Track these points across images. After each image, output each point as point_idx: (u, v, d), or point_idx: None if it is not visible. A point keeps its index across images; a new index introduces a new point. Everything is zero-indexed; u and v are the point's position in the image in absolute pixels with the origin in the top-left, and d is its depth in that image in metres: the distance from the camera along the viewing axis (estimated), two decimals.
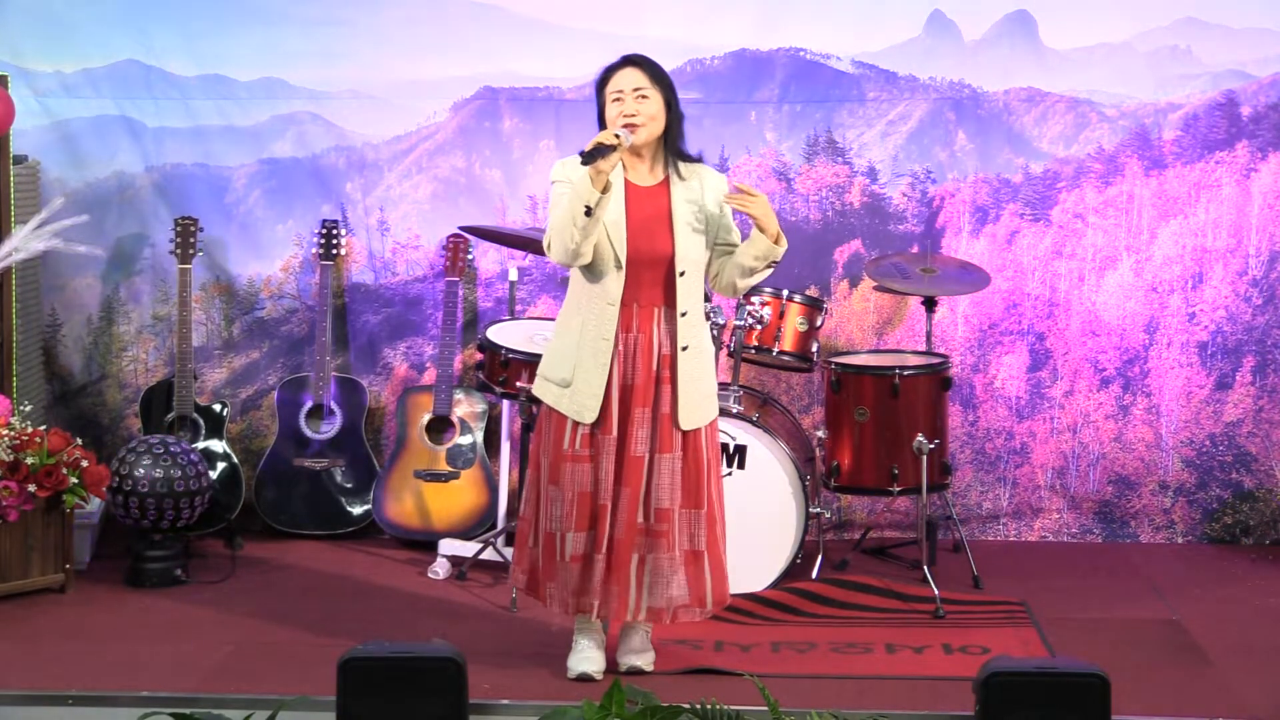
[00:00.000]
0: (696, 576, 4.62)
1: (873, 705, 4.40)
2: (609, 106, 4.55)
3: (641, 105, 4.53)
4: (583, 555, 4.58)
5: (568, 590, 4.60)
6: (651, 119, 4.54)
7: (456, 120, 6.52)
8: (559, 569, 4.60)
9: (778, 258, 4.56)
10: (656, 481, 4.56)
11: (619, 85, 4.55)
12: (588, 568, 4.58)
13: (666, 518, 4.56)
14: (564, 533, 4.59)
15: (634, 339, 4.56)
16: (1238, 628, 5.26)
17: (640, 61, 4.59)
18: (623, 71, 4.57)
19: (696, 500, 4.59)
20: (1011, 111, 6.40)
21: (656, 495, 4.56)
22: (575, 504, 4.57)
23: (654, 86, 4.55)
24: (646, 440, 4.55)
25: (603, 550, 4.56)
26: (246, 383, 6.58)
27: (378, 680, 3.78)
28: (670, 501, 4.56)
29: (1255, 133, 6.31)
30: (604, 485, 4.55)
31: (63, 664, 4.85)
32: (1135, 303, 6.37)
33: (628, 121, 4.51)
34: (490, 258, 6.52)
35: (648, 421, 4.55)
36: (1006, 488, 6.43)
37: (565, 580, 4.60)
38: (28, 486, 5.40)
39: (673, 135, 4.61)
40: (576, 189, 4.40)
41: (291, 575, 5.88)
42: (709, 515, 4.62)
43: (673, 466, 4.56)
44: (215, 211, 6.51)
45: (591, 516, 4.57)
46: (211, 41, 6.48)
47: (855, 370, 5.71)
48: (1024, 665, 3.88)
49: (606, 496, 4.56)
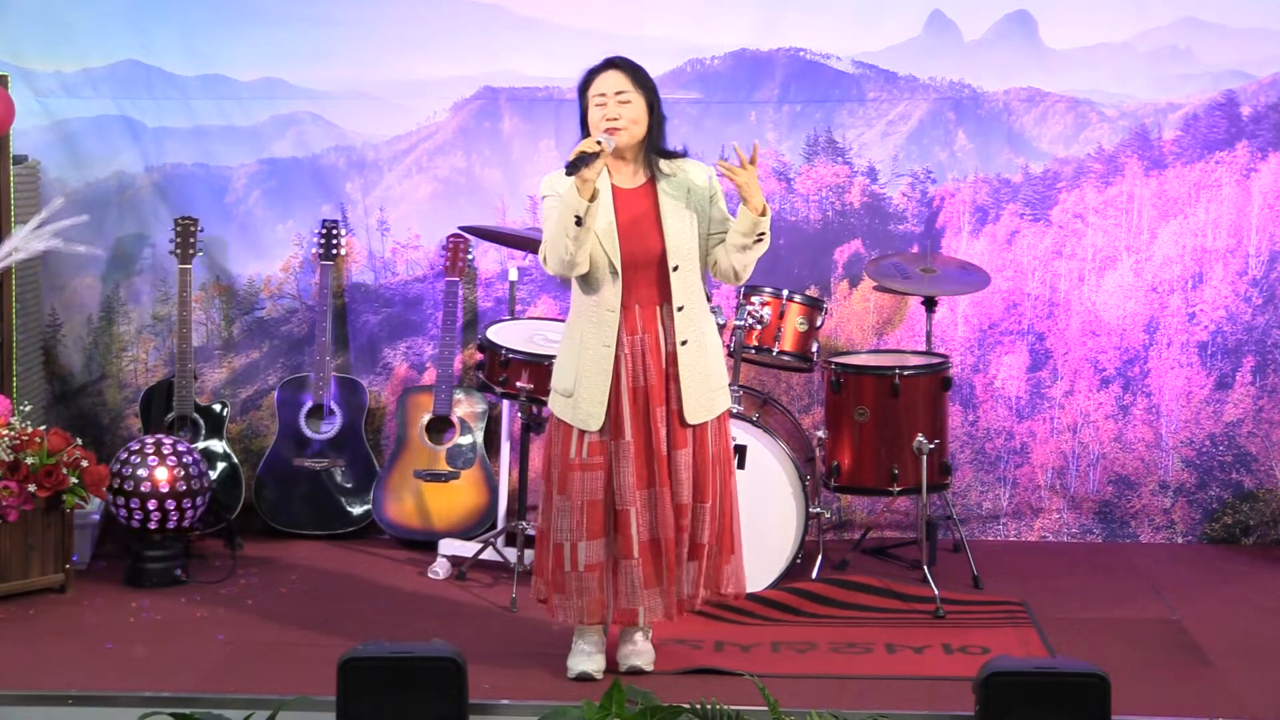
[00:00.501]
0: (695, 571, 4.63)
1: (873, 705, 4.40)
2: (591, 110, 4.55)
3: (624, 109, 4.52)
4: (600, 564, 4.59)
5: (588, 600, 4.61)
6: (634, 122, 4.54)
7: (456, 120, 6.52)
8: (567, 580, 4.61)
9: (765, 229, 4.51)
10: (675, 478, 4.58)
11: (601, 89, 4.54)
12: (616, 575, 4.60)
13: (685, 513, 4.60)
14: (574, 543, 4.59)
15: (640, 340, 4.57)
16: (1238, 628, 5.26)
17: (622, 64, 4.58)
18: (604, 75, 4.56)
19: (701, 494, 4.61)
20: (1011, 111, 6.40)
21: (676, 492, 4.59)
22: (585, 512, 4.57)
23: (636, 90, 4.54)
24: (665, 439, 4.57)
25: (633, 555, 4.56)
26: (246, 383, 6.58)
27: (378, 680, 3.78)
28: (687, 497, 4.59)
29: (1255, 133, 6.31)
30: (625, 491, 4.56)
31: (63, 664, 4.85)
32: (1135, 303, 6.37)
33: (610, 126, 4.50)
34: (490, 258, 6.52)
35: (665, 419, 4.57)
36: (1006, 488, 6.43)
37: (579, 590, 4.61)
38: (28, 486, 5.40)
39: (655, 137, 4.60)
40: (565, 201, 4.40)
41: (291, 575, 5.88)
42: (712, 508, 4.63)
43: (687, 462, 4.59)
44: (215, 211, 6.51)
45: (606, 524, 4.58)
46: (211, 41, 6.48)
47: (855, 370, 5.71)
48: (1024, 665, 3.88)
49: (629, 502, 4.56)
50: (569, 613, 4.66)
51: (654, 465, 4.57)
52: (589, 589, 4.60)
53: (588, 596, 4.60)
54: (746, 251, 4.55)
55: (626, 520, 4.56)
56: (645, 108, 4.56)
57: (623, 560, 4.58)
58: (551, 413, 4.69)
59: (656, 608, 4.62)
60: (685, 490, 4.58)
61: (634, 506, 4.56)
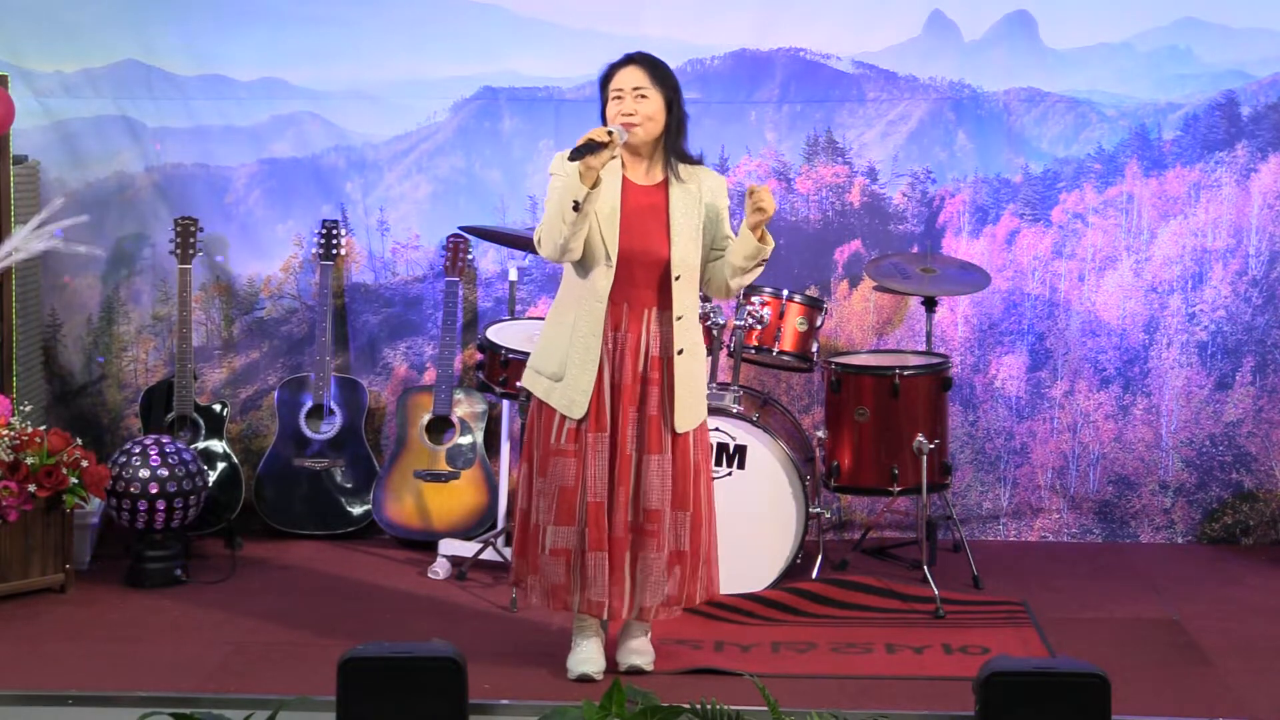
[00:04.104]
0: (681, 576, 4.63)
1: (873, 705, 4.40)
2: (610, 104, 4.56)
3: (640, 104, 4.53)
4: (567, 550, 4.58)
5: (550, 583, 4.61)
6: (649, 119, 4.53)
7: (456, 120, 6.52)
8: (541, 562, 4.62)
9: (766, 256, 4.54)
10: (646, 482, 4.56)
11: (620, 83, 4.55)
12: (580, 565, 4.59)
13: (656, 518, 4.57)
14: (544, 525, 4.60)
15: (621, 338, 4.56)
16: (1238, 628, 5.26)
17: (643, 60, 4.58)
18: (625, 70, 4.57)
19: (683, 502, 4.60)
20: (1011, 111, 6.40)
21: (646, 496, 4.57)
22: (556, 498, 4.58)
23: (655, 86, 4.55)
24: (634, 440, 4.56)
25: (604, 547, 4.56)
26: (246, 383, 6.58)
27: (378, 680, 3.77)
28: (660, 502, 4.57)
29: (1255, 133, 6.31)
30: (595, 483, 4.56)
31: (63, 664, 4.85)
32: (1135, 303, 6.37)
33: (625, 120, 4.51)
34: (490, 258, 6.52)
35: (636, 422, 4.56)
36: (1006, 488, 6.43)
37: (548, 573, 4.61)
38: (28, 486, 5.40)
39: (673, 136, 4.60)
40: (567, 184, 4.40)
41: (291, 575, 5.88)
42: (694, 518, 4.62)
43: (662, 467, 4.57)
44: (215, 211, 6.51)
45: (574, 513, 4.57)
46: (211, 41, 6.48)
47: (855, 370, 5.71)
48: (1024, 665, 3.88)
49: (598, 495, 4.56)
50: (537, 594, 4.65)
51: (618, 464, 4.56)
52: (555, 573, 4.59)
53: (552, 580, 4.60)
54: (745, 275, 4.57)
55: (599, 512, 4.56)
56: (663, 105, 4.55)
57: (594, 551, 4.57)
58: (532, 393, 4.67)
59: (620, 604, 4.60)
60: (655, 496, 4.56)
61: (603, 500, 4.56)
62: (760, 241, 4.50)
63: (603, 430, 4.55)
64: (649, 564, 4.59)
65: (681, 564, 4.63)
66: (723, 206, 4.65)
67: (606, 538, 4.56)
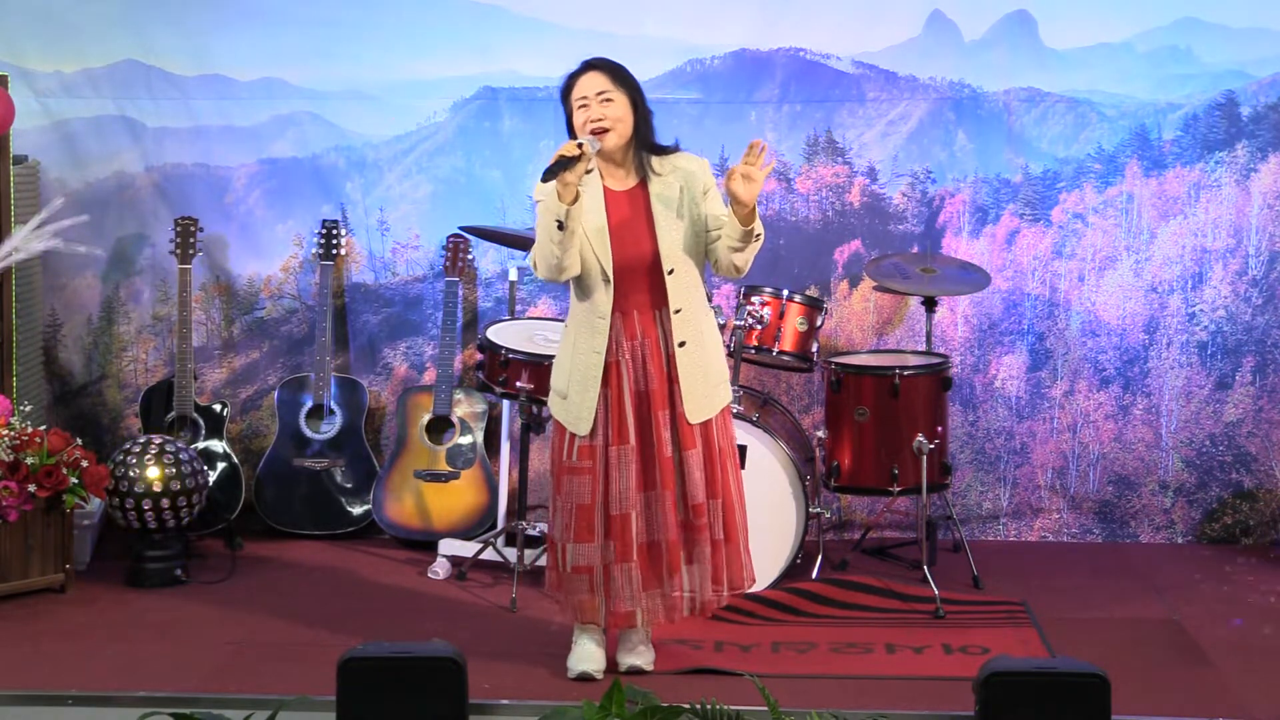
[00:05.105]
0: (721, 563, 4.65)
1: (873, 705, 4.40)
2: (575, 114, 4.54)
3: (607, 108, 4.51)
4: (589, 567, 4.61)
5: (576, 600, 4.65)
6: (618, 121, 4.53)
7: (456, 120, 6.52)
8: (565, 580, 4.66)
9: (756, 228, 4.43)
10: (688, 478, 4.59)
11: (582, 91, 4.53)
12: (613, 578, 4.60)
13: (701, 511, 4.60)
14: (563, 544, 4.62)
15: (640, 345, 4.57)
16: (1238, 628, 5.26)
17: (601, 65, 4.57)
18: (585, 77, 4.55)
19: (713, 490, 4.63)
20: (1011, 111, 6.40)
21: (691, 492, 4.59)
22: (575, 515, 4.59)
23: (618, 88, 4.54)
24: (671, 441, 4.58)
25: (631, 558, 4.57)
26: (246, 383, 6.58)
27: (378, 680, 3.78)
28: (703, 495, 4.60)
29: (1255, 133, 6.31)
30: (618, 496, 4.57)
31: (63, 664, 4.85)
32: (1135, 303, 6.37)
33: (595, 127, 4.49)
34: (490, 258, 6.52)
35: (670, 422, 4.58)
36: (1006, 488, 6.43)
37: (572, 590, 4.65)
38: (28, 486, 5.40)
39: (643, 134, 4.59)
40: (548, 204, 4.40)
41: (291, 575, 5.88)
42: (726, 503, 4.65)
43: (700, 461, 4.59)
44: (215, 211, 6.51)
45: (593, 530, 4.59)
46: (211, 41, 6.48)
47: (855, 370, 5.71)
48: (1024, 665, 3.88)
49: (623, 507, 4.57)
50: (565, 610, 4.73)
51: (653, 469, 4.58)
52: (578, 590, 4.64)
53: (578, 596, 4.65)
54: (743, 251, 4.54)
55: (626, 524, 4.57)
56: (629, 105, 4.55)
57: (621, 563, 4.58)
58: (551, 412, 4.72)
59: (656, 610, 4.64)
60: (700, 490, 4.59)
61: (634, 510, 4.57)
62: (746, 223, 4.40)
63: (625, 443, 4.56)
64: (703, 557, 4.62)
65: (718, 551, 4.65)
66: (705, 185, 4.58)
67: (634, 548, 4.58)
